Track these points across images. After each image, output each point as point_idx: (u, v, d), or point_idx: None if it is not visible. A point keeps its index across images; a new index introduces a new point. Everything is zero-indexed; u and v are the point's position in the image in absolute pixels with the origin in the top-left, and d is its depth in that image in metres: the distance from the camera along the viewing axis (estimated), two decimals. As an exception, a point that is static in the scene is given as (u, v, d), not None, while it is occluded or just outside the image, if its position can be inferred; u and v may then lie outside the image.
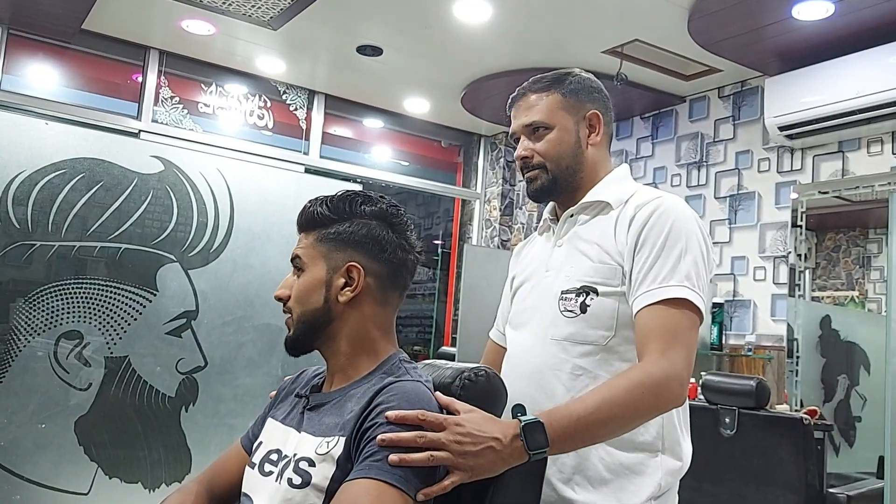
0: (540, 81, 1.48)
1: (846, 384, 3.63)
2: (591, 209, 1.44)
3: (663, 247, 1.30)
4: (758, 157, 4.00)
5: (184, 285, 2.35)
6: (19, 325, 2.11)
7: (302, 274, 1.19)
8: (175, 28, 3.99)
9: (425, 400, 1.09)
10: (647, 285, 1.28)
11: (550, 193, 1.47)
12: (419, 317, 5.90)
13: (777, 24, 3.28)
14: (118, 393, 2.22)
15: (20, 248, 2.12)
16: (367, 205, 1.20)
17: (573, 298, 1.36)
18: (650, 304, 1.26)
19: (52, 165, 2.16)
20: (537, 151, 1.44)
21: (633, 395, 1.17)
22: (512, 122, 1.50)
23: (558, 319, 1.37)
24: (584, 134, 1.45)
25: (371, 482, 1.00)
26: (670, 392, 1.21)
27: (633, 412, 1.19)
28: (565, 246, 1.44)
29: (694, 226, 1.33)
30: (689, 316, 1.26)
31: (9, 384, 2.07)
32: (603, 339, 1.33)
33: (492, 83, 4.37)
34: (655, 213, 1.33)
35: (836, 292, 3.75)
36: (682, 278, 1.27)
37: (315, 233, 1.19)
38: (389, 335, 1.22)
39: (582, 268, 1.37)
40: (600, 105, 1.47)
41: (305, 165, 4.72)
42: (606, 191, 1.43)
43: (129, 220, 2.27)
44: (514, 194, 5.42)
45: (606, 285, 1.34)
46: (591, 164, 1.45)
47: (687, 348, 1.24)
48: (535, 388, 1.37)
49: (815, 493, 2.61)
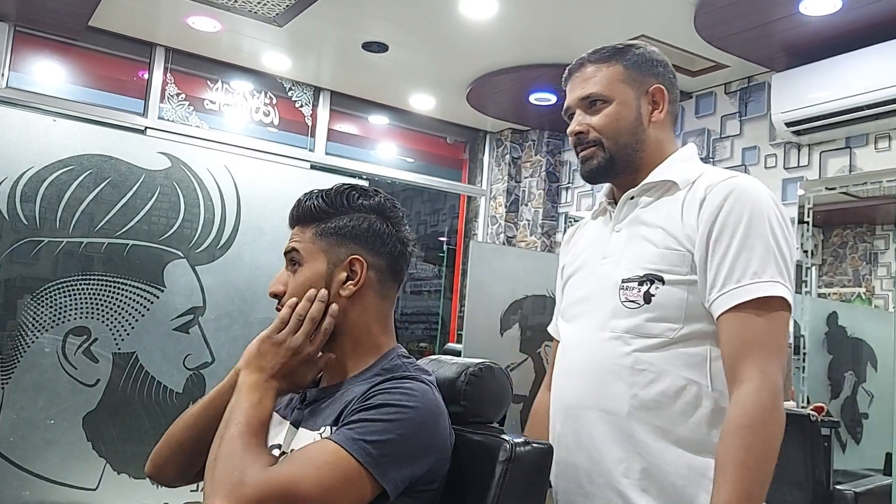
0: (600, 52, 1.35)
1: (853, 381, 3.62)
2: (655, 190, 1.31)
3: (746, 236, 1.17)
4: (764, 153, 3.99)
5: (191, 281, 2.35)
6: (27, 322, 2.11)
7: (300, 269, 1.17)
8: (181, 25, 4.00)
9: (432, 400, 1.09)
10: (735, 281, 1.16)
11: (607, 174, 1.34)
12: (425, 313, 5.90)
13: (784, 20, 3.26)
14: (126, 389, 2.22)
15: (28, 244, 2.13)
16: (364, 198, 1.19)
17: (635, 288, 1.24)
18: (740, 303, 1.15)
19: (59, 162, 2.17)
20: (593, 126, 1.32)
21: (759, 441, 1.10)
22: (567, 96, 1.37)
23: (619, 311, 1.25)
24: (645, 110, 1.33)
25: (331, 444, 1.00)
26: (780, 411, 1.14)
27: (765, 454, 1.11)
28: (624, 231, 1.31)
29: (774, 209, 1.21)
30: (783, 317, 1.16)
31: (17, 380, 2.08)
32: (670, 331, 1.21)
33: (497, 79, 4.36)
34: (732, 197, 1.19)
35: (842, 289, 3.73)
36: (774, 273, 1.16)
37: (313, 227, 1.18)
38: (388, 329, 1.21)
39: (645, 254, 1.25)
40: (665, 80, 1.35)
41: (311, 162, 4.73)
42: (671, 170, 1.30)
43: (136, 217, 2.28)
44: (519, 191, 5.41)
45: (674, 273, 1.21)
46: (654, 143, 1.33)
47: (782, 355, 1.16)
48: (593, 385, 1.27)
49: (823, 490, 2.60)
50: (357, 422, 1.02)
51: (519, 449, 1.11)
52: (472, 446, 1.14)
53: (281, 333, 1.11)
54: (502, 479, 1.09)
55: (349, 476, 0.98)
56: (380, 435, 1.00)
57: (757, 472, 1.09)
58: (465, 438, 1.15)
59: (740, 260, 1.16)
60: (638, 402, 1.22)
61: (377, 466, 0.99)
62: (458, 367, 1.22)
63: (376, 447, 1.00)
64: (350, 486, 0.98)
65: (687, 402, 1.20)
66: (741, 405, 1.12)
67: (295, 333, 1.11)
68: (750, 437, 1.10)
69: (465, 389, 1.19)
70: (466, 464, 1.13)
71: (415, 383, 1.09)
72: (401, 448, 1.02)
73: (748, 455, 1.09)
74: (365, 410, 1.04)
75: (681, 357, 1.21)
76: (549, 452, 1.16)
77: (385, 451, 1.00)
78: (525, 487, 1.13)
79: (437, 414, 1.08)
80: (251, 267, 2.46)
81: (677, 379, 1.20)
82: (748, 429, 1.10)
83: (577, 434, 1.29)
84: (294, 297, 1.15)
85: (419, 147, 5.59)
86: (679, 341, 1.21)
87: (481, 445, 1.14)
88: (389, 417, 1.02)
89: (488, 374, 1.22)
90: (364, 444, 0.99)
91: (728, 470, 1.09)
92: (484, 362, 1.24)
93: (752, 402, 1.11)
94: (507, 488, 1.09)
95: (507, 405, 1.29)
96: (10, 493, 2.06)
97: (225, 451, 1.00)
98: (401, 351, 1.20)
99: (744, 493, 1.08)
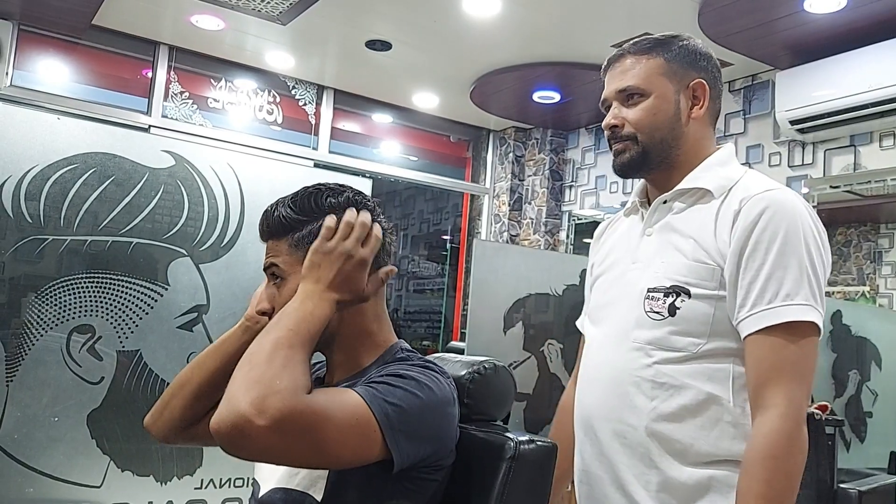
0: (642, 43, 1.30)
1: (857, 379, 3.61)
2: (689, 196, 1.27)
3: (781, 254, 1.14)
4: (769, 151, 3.98)
5: (195, 279, 2.36)
6: (31, 320, 2.12)
7: (284, 283, 1.13)
8: (184, 23, 4.00)
9: (445, 386, 1.09)
10: (766, 302, 1.13)
11: (639, 169, 1.30)
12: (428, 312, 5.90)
13: (788, 17, 3.26)
14: (130, 386, 2.23)
15: (32, 242, 2.13)
16: (333, 196, 1.15)
17: (661, 299, 1.21)
18: (770, 326, 1.12)
19: (64, 160, 2.17)
20: (628, 120, 1.28)
21: (783, 473, 1.08)
22: (605, 88, 1.33)
23: (643, 321, 1.23)
24: (685, 105, 1.28)
25: (355, 395, 0.99)
26: (803, 440, 1.11)
27: (789, 485, 1.09)
28: (656, 236, 1.28)
29: (812, 226, 1.18)
30: (813, 342, 1.14)
31: (22, 378, 2.09)
32: (693, 346, 1.18)
33: (501, 77, 4.36)
34: (767, 212, 1.15)
35: (847, 287, 3.73)
36: (807, 295, 1.13)
37: (287, 238, 1.14)
38: (386, 324, 1.19)
39: (674, 264, 1.22)
40: (708, 75, 1.30)
41: (315, 160, 4.73)
42: (707, 175, 1.26)
43: (140, 215, 2.28)
44: (522, 189, 5.41)
45: (701, 287, 1.18)
46: (692, 140, 1.28)
47: (809, 382, 1.14)
48: (612, 395, 1.26)
49: (826, 489, 2.60)
50: (380, 383, 1.02)
51: (523, 447, 1.11)
52: (476, 444, 1.14)
53: (331, 241, 1.08)
54: (507, 476, 1.09)
55: (366, 429, 0.97)
56: (400, 401, 1.00)
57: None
58: (469, 436, 1.15)
59: (773, 280, 1.13)
60: (658, 415, 1.20)
61: (391, 430, 0.98)
62: (463, 366, 1.22)
63: (395, 411, 0.99)
64: (364, 440, 0.97)
65: (708, 418, 1.18)
66: (765, 434, 1.10)
67: (346, 240, 1.08)
68: (773, 469, 1.08)
69: (470, 388, 1.19)
70: (471, 461, 1.13)
71: (431, 371, 1.09)
72: (415, 423, 1.01)
73: (771, 489, 1.08)
74: (388, 376, 1.03)
75: (704, 371, 1.18)
76: (553, 451, 1.16)
77: (401, 418, 0.99)
78: (529, 485, 1.13)
79: (450, 402, 1.09)
80: (255, 265, 2.45)
81: (699, 393, 1.18)
82: (772, 460, 1.08)
83: (597, 445, 1.29)
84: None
85: (422, 145, 5.59)
86: (702, 356, 1.18)
87: (486, 443, 1.14)
88: (410, 389, 1.02)
89: (492, 372, 1.22)
90: (385, 403, 0.99)
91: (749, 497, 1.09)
92: (488, 360, 1.24)
93: (777, 430, 1.09)
94: (512, 486, 1.09)
95: (511, 403, 1.29)
96: (14, 490, 2.06)
97: (268, 351, 0.96)
98: (404, 345, 1.19)
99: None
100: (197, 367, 1.21)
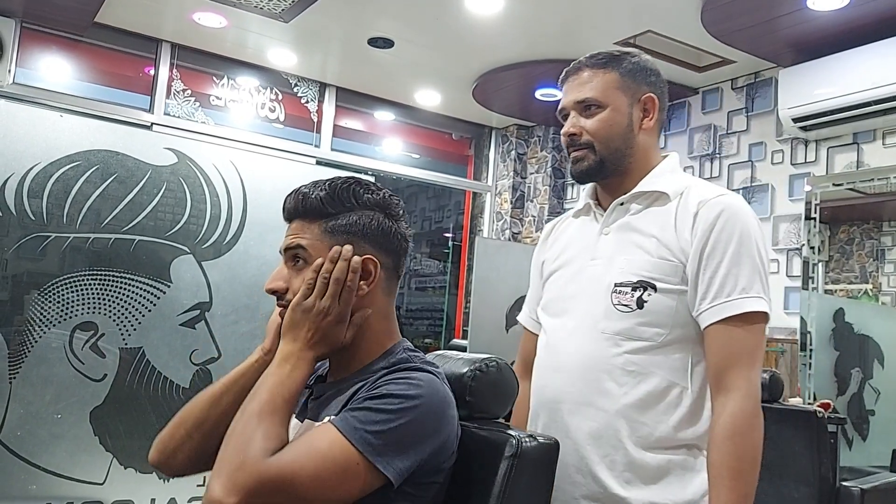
0: (597, 57, 1.41)
1: (859, 377, 3.61)
2: (644, 199, 1.38)
3: (737, 254, 1.27)
4: (771, 148, 3.97)
5: (197, 277, 2.36)
6: (34, 317, 2.12)
7: (307, 266, 1.13)
8: (187, 21, 4.00)
9: (439, 390, 1.09)
10: (726, 295, 1.26)
11: (596, 175, 1.41)
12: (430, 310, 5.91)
13: (791, 15, 3.25)
14: (133, 384, 2.23)
15: (35, 240, 2.14)
16: (369, 193, 1.16)
17: (629, 293, 1.31)
18: (729, 316, 1.25)
19: (66, 157, 2.17)
20: (586, 129, 1.38)
21: (749, 447, 1.21)
22: (563, 97, 1.44)
23: (611, 312, 1.33)
24: (637, 117, 1.39)
25: (332, 431, 1.00)
26: (761, 417, 1.24)
27: (754, 457, 1.22)
28: (613, 235, 1.38)
29: (759, 230, 1.33)
30: (762, 329, 1.28)
31: (25, 375, 2.09)
32: (658, 336, 1.30)
33: (503, 75, 4.35)
34: (723, 216, 1.29)
35: (849, 285, 3.72)
36: (759, 289, 1.27)
37: (320, 223, 1.14)
38: (393, 324, 1.20)
39: (638, 261, 1.33)
40: (657, 90, 1.42)
41: (317, 158, 4.73)
42: (661, 181, 1.38)
43: (142, 212, 2.29)
44: (525, 187, 5.41)
45: (665, 282, 1.30)
46: (642, 149, 1.40)
47: (760, 364, 1.28)
48: (582, 381, 1.34)
49: (829, 487, 2.59)
50: (361, 409, 1.02)
51: (525, 444, 1.11)
52: (477, 441, 1.14)
53: (309, 299, 1.09)
54: (508, 474, 1.09)
55: (348, 466, 0.98)
56: (382, 425, 1.00)
57: (749, 476, 1.21)
58: (470, 433, 1.15)
59: (730, 276, 1.26)
60: (627, 401, 1.30)
61: (378, 455, 0.99)
62: (465, 363, 1.22)
63: (377, 437, 0.99)
64: (349, 477, 0.98)
65: (669, 403, 1.30)
66: (730, 413, 1.22)
67: (323, 296, 1.09)
68: (741, 444, 1.21)
69: (472, 385, 1.19)
70: (472, 459, 1.13)
71: (421, 373, 1.09)
72: (404, 436, 1.01)
73: (741, 461, 1.20)
74: (370, 399, 1.03)
75: (667, 360, 1.30)
76: (555, 448, 1.16)
77: (387, 439, 1.00)
78: (531, 482, 1.13)
79: (444, 403, 1.08)
80: (257, 262, 2.46)
81: (662, 380, 1.30)
82: (739, 436, 1.21)
83: (564, 428, 1.34)
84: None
85: (425, 143, 5.58)
86: (665, 345, 1.30)
87: (487, 441, 1.14)
88: (393, 407, 1.02)
89: (494, 369, 1.22)
90: (365, 433, 0.99)
91: (725, 476, 1.20)
92: (490, 358, 1.24)
93: (741, 409, 1.22)
94: (513, 483, 1.09)
95: (513, 401, 1.29)
96: (17, 487, 2.07)
97: (239, 429, 1.00)
98: (406, 345, 1.19)
99: (741, 497, 1.19)
100: (212, 406, 1.18)
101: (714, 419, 1.25)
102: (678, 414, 1.29)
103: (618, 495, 1.27)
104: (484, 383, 1.20)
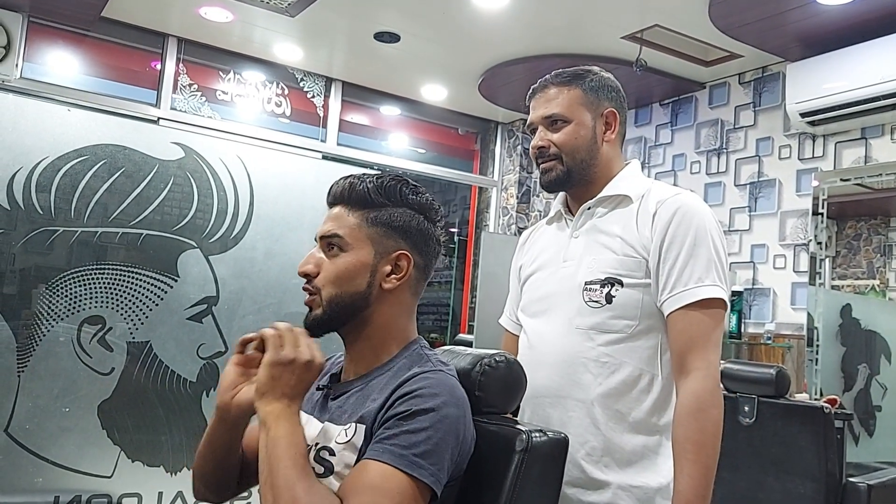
0: (562, 76, 1.52)
1: (866, 373, 3.60)
2: (609, 202, 1.49)
3: (693, 246, 1.37)
4: (779, 143, 3.96)
5: (204, 271, 2.36)
6: (42, 311, 2.13)
7: (342, 254, 1.14)
8: (193, 15, 4.00)
9: (457, 394, 1.09)
10: (683, 285, 1.36)
11: (563, 185, 1.52)
12: (436, 304, 5.90)
13: (799, 9, 3.23)
14: (140, 377, 2.24)
15: (43, 234, 2.14)
16: (413, 194, 1.19)
17: (598, 289, 1.41)
18: (687, 304, 1.35)
19: (74, 152, 2.18)
20: (554, 142, 1.49)
21: (711, 422, 1.30)
22: (531, 113, 1.54)
23: (583, 309, 1.43)
24: (600, 130, 1.50)
25: (383, 467, 1.00)
26: (720, 394, 1.34)
27: (716, 432, 1.31)
28: (583, 237, 1.49)
29: (714, 224, 1.42)
30: (721, 314, 1.37)
31: (33, 368, 2.10)
32: (628, 328, 1.39)
33: (509, 70, 4.34)
34: (680, 212, 1.39)
35: (856, 281, 3.71)
36: (715, 278, 1.36)
37: (363, 213, 1.16)
38: (413, 323, 1.22)
39: (605, 260, 1.43)
40: (617, 105, 1.53)
41: (323, 152, 4.73)
42: (623, 184, 1.49)
43: (150, 207, 2.29)
44: (530, 182, 5.40)
45: (631, 277, 1.40)
46: (605, 159, 1.51)
47: (719, 346, 1.37)
48: (561, 375, 1.43)
49: (835, 483, 2.59)
50: (398, 435, 1.02)
51: (535, 439, 1.12)
52: (487, 436, 1.14)
53: (286, 351, 1.07)
54: (518, 469, 1.10)
55: (408, 494, 0.99)
56: (425, 445, 1.02)
57: (710, 449, 1.30)
58: (480, 429, 1.15)
59: (687, 267, 1.36)
60: (603, 390, 1.39)
61: (429, 475, 1.01)
62: (473, 358, 1.23)
63: (425, 457, 1.01)
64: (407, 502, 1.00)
65: (641, 389, 1.40)
66: (692, 392, 1.32)
67: (297, 346, 1.08)
68: (703, 419, 1.30)
69: (480, 380, 1.20)
70: (482, 454, 1.13)
71: (441, 377, 1.10)
72: (443, 448, 1.03)
73: (704, 435, 1.30)
74: (402, 420, 1.04)
75: (637, 350, 1.40)
76: (564, 443, 1.16)
77: (433, 458, 1.02)
78: (541, 477, 1.13)
79: (465, 408, 1.10)
80: (264, 257, 2.46)
81: (634, 370, 1.40)
82: (701, 412, 1.30)
83: (546, 420, 1.44)
84: (332, 282, 1.14)
85: (431, 138, 5.58)
86: (635, 336, 1.40)
87: (497, 436, 1.14)
88: (427, 424, 1.03)
89: (503, 364, 1.23)
90: (413, 457, 1.01)
91: (689, 450, 1.29)
92: (498, 353, 1.24)
93: (702, 388, 1.32)
94: (524, 478, 1.10)
95: (521, 396, 1.29)
96: (25, 480, 2.08)
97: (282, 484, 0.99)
98: (423, 343, 1.20)
99: (703, 468, 1.29)
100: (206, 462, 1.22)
101: (678, 400, 1.35)
102: (650, 399, 1.39)
103: (598, 479, 1.36)
104: (493, 379, 1.21)
